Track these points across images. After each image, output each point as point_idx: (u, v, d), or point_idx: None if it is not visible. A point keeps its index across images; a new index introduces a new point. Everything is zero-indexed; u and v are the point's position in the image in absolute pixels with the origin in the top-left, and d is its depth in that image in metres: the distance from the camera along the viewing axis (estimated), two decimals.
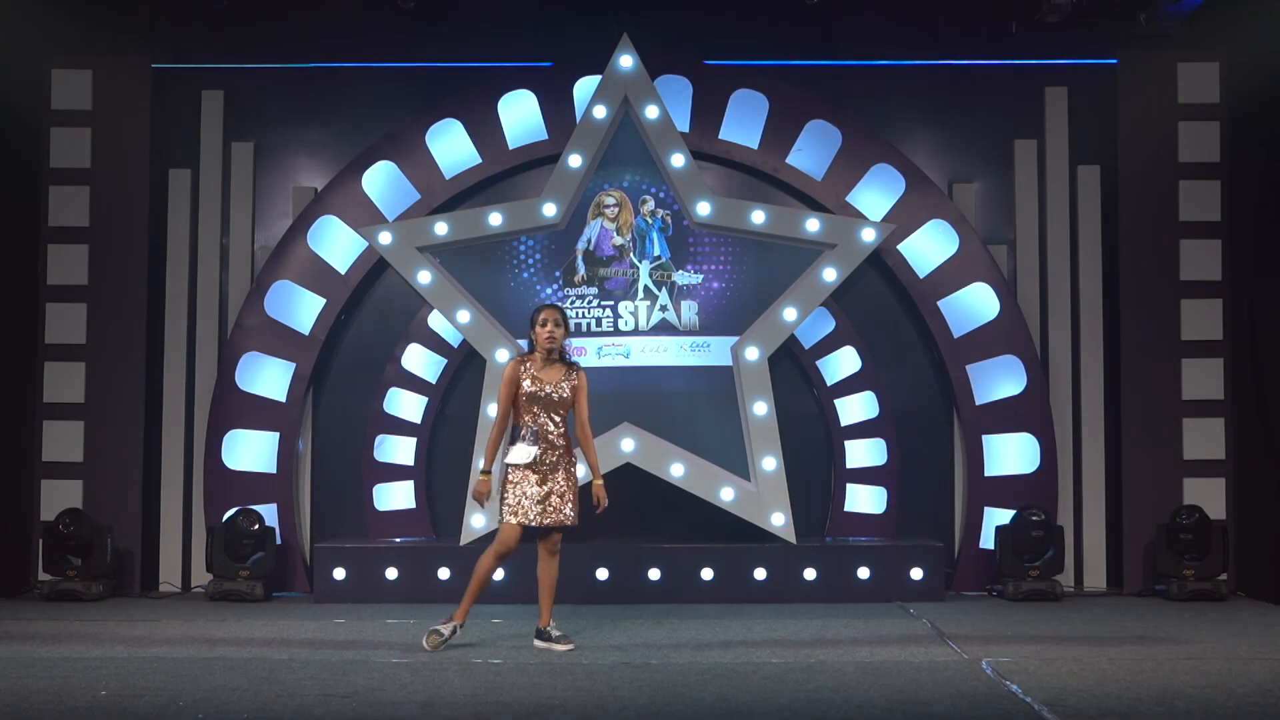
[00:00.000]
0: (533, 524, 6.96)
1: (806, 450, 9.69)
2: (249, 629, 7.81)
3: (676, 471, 9.20)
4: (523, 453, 6.95)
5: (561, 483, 7.02)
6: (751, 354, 9.38)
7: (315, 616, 8.37)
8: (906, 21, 9.88)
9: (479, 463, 7.76)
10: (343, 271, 9.79)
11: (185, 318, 9.88)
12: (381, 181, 9.83)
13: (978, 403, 9.66)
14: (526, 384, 7.01)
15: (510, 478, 6.99)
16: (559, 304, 7.27)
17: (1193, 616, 8.29)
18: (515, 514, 6.95)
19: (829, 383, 9.75)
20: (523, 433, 6.99)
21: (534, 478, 6.97)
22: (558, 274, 9.68)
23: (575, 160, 9.47)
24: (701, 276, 9.68)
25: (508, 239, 9.65)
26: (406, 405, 9.76)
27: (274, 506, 9.56)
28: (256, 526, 9.19)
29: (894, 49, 9.92)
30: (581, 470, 7.29)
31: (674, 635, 7.53)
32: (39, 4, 9.27)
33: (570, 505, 7.04)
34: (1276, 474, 9.09)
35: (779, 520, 9.17)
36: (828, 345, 9.74)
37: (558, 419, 7.06)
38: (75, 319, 9.64)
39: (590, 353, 9.58)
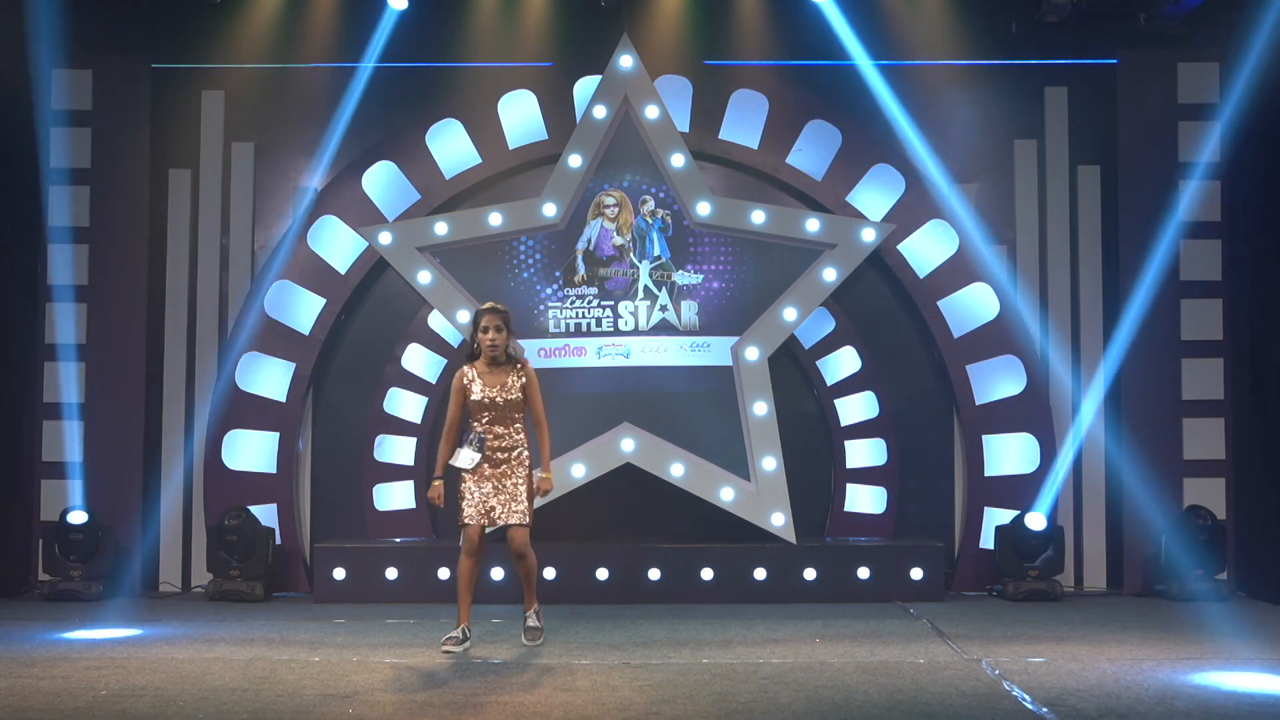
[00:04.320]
0: (487, 526, 7.05)
1: (806, 450, 9.69)
2: (249, 629, 7.82)
3: (676, 471, 9.21)
4: (466, 457, 7.01)
5: (512, 485, 7.03)
6: (751, 354, 9.39)
7: (315, 616, 8.37)
8: (906, 22, 9.85)
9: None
10: (343, 271, 9.80)
11: (185, 318, 9.89)
12: (381, 181, 9.83)
13: (978, 403, 9.66)
14: (474, 394, 7.06)
15: (463, 482, 7.06)
16: (500, 306, 7.19)
17: (1192, 616, 8.29)
18: (471, 517, 7.03)
19: (829, 383, 9.75)
20: (470, 438, 7.05)
21: (484, 481, 7.03)
22: (558, 274, 9.67)
23: (575, 160, 9.48)
24: (701, 276, 9.67)
25: (508, 239, 9.65)
26: (406, 405, 9.76)
27: (274, 506, 9.57)
28: (239, 520, 9.19)
29: (894, 49, 9.90)
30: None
31: (674, 635, 7.53)
32: (39, 4, 9.26)
33: (520, 506, 7.01)
34: (1276, 474, 9.09)
35: (779, 520, 9.17)
36: (828, 345, 9.75)
37: (507, 422, 7.08)
38: (75, 319, 9.64)
39: (590, 353, 9.58)
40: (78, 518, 9.21)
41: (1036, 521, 9.20)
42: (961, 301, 9.69)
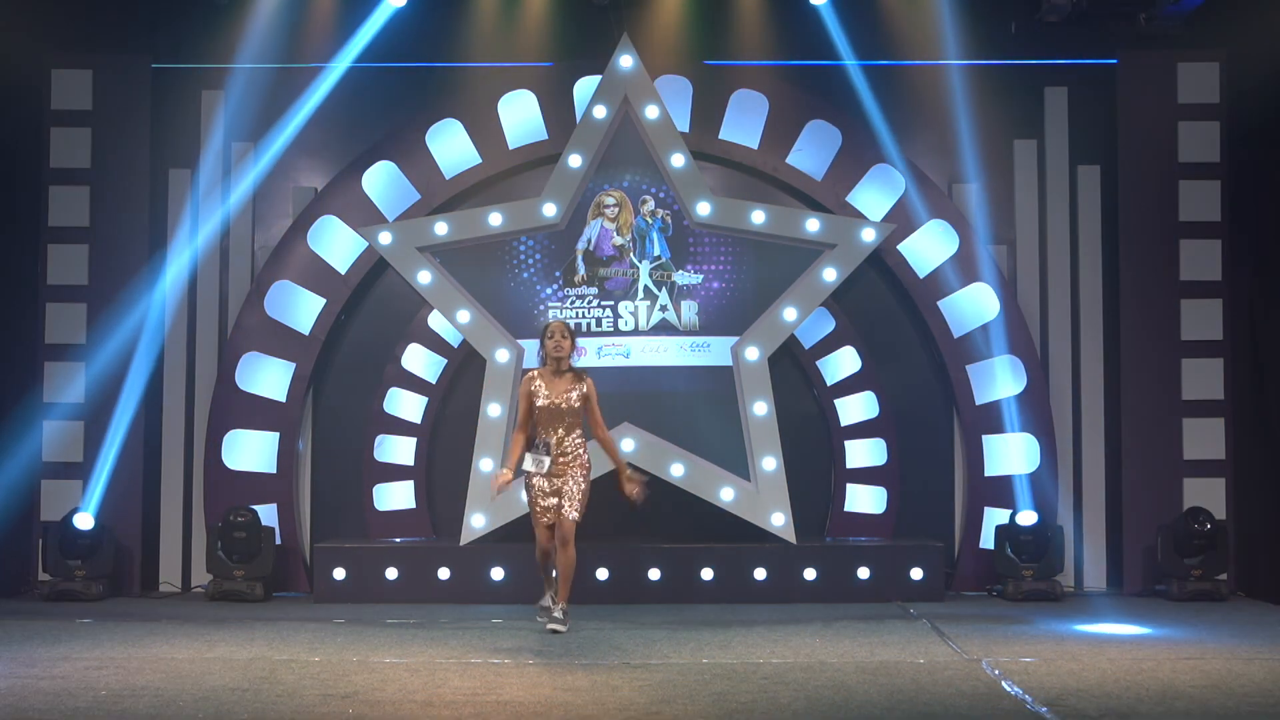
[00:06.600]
0: (547, 523, 7.59)
1: (806, 450, 9.69)
2: (249, 629, 7.81)
3: (676, 471, 9.20)
4: (533, 462, 7.61)
5: (568, 486, 7.59)
6: (751, 354, 9.38)
7: (315, 616, 8.37)
8: (906, 22, 9.84)
9: (480, 462, 8.74)
10: (343, 271, 9.79)
11: (185, 318, 9.88)
12: (381, 181, 9.83)
13: (978, 403, 9.66)
14: (539, 399, 7.59)
15: (529, 484, 7.66)
16: (566, 320, 8.05)
17: (1193, 616, 8.29)
18: (537, 516, 7.64)
19: (829, 383, 9.75)
20: (537, 443, 7.64)
21: (545, 483, 7.60)
22: (558, 274, 9.68)
23: (575, 160, 9.47)
24: (701, 276, 9.68)
25: (508, 239, 9.65)
26: (406, 405, 9.76)
27: (274, 506, 9.56)
28: (246, 519, 9.19)
29: (894, 49, 9.89)
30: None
31: (674, 635, 7.53)
32: (39, 4, 9.26)
33: (572, 506, 7.58)
34: (1276, 474, 9.10)
35: (779, 520, 9.17)
36: (828, 345, 9.74)
37: (567, 428, 7.62)
38: (75, 319, 9.64)
39: (590, 353, 9.58)
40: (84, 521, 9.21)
41: (1027, 518, 9.19)
42: (961, 301, 9.69)
